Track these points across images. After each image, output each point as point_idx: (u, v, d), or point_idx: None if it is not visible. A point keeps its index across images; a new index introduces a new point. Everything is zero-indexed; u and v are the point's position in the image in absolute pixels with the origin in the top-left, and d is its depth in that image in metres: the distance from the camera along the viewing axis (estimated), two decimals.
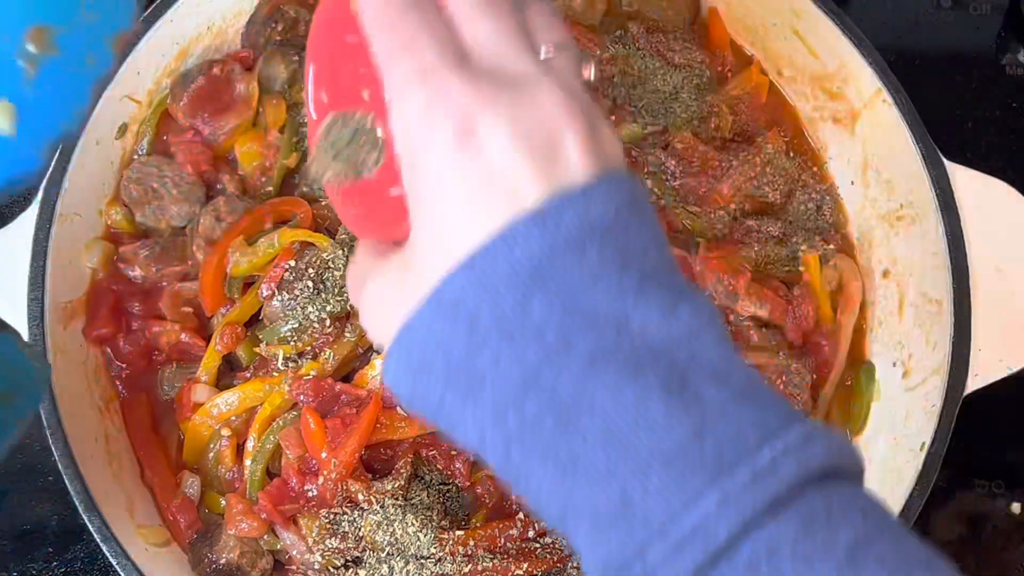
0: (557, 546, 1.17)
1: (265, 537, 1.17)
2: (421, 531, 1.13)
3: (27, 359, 0.93)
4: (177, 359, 1.28)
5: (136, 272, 1.30)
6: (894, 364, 1.30)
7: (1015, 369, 1.21)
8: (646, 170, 1.35)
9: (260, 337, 1.21)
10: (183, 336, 1.26)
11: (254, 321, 1.25)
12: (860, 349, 1.35)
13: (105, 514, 1.14)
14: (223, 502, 1.20)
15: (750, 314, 1.28)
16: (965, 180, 1.27)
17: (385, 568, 1.13)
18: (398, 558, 1.13)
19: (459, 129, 0.57)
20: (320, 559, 1.15)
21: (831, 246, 1.35)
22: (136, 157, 1.36)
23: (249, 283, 1.26)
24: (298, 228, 1.24)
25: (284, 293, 1.20)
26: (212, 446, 1.22)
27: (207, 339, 1.26)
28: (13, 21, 0.87)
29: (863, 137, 1.38)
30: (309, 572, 1.16)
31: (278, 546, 1.17)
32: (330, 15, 0.71)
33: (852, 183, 1.42)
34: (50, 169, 1.24)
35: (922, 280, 1.28)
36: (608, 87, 1.38)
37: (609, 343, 0.51)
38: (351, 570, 1.15)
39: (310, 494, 1.15)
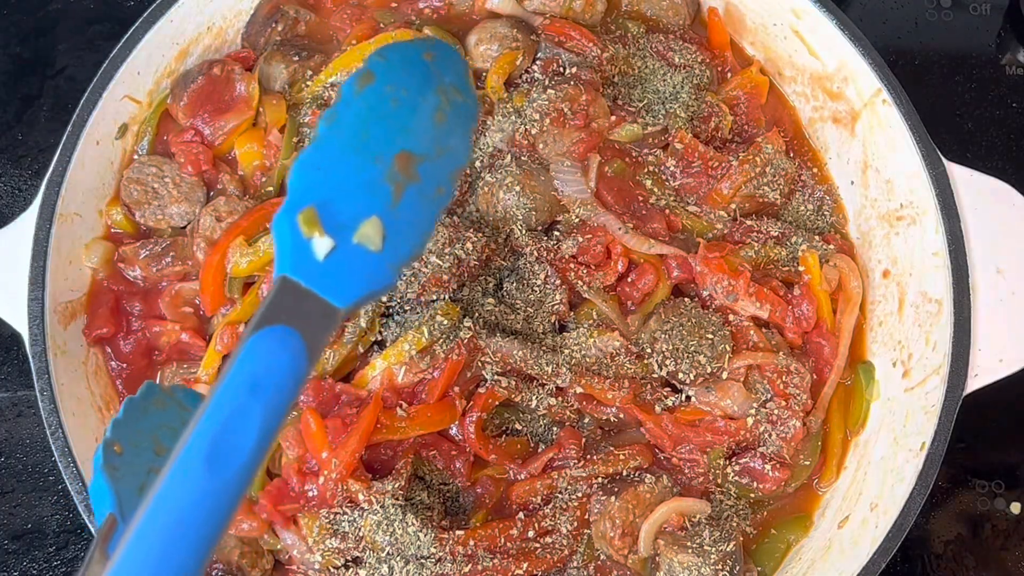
0: (557, 546, 1.17)
1: (265, 537, 1.17)
2: (421, 531, 1.13)
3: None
4: (177, 359, 1.28)
5: (136, 272, 1.30)
6: (894, 364, 1.30)
7: (1015, 369, 1.21)
8: (646, 170, 1.35)
9: None
10: (183, 336, 1.26)
11: None
12: (860, 349, 1.35)
13: None
14: None
15: (750, 314, 1.28)
16: (965, 180, 1.28)
17: (385, 568, 1.13)
18: (398, 558, 1.13)
19: None
20: (320, 559, 1.15)
21: (831, 246, 1.35)
22: (136, 157, 1.36)
23: (249, 283, 1.26)
24: None
25: None
26: None
27: (207, 339, 1.26)
28: (383, 144, 0.91)
29: (863, 137, 1.38)
30: (309, 572, 1.16)
31: (278, 546, 1.18)
32: None
33: (852, 183, 1.42)
34: (50, 170, 1.25)
35: (922, 280, 1.28)
36: (608, 87, 1.38)
37: None
38: (351, 570, 1.15)
39: (310, 494, 1.15)
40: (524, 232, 1.28)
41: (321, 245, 0.85)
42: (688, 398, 1.25)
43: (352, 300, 0.84)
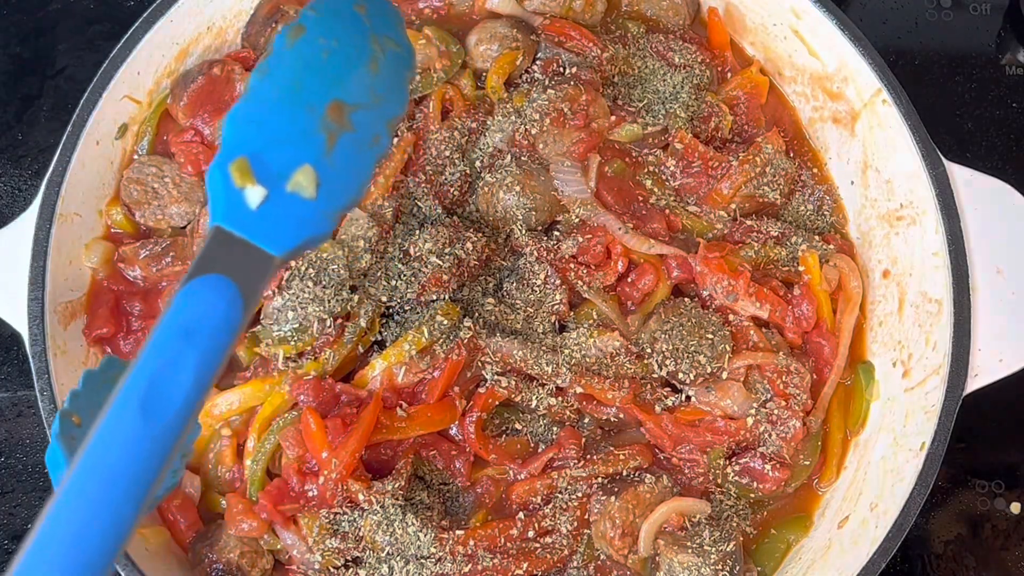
0: (557, 546, 1.17)
1: (265, 537, 1.17)
2: (421, 531, 1.13)
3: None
4: None
5: (136, 272, 1.30)
6: (894, 364, 1.30)
7: (1015, 369, 1.21)
8: (646, 170, 1.35)
9: (260, 337, 1.21)
10: None
11: (254, 321, 1.24)
12: (860, 349, 1.35)
13: None
14: (223, 502, 1.20)
15: (750, 314, 1.28)
16: (965, 180, 1.28)
17: (385, 568, 1.13)
18: (398, 558, 1.13)
19: None
20: (320, 559, 1.15)
21: (831, 246, 1.35)
22: (136, 157, 1.36)
23: None
24: None
25: (284, 293, 1.20)
26: (212, 446, 1.22)
27: None
28: (315, 94, 0.92)
29: (863, 137, 1.38)
30: (309, 572, 1.16)
31: (278, 546, 1.17)
32: None
33: (852, 183, 1.42)
34: (50, 170, 1.25)
35: (922, 280, 1.28)
36: (608, 87, 1.38)
37: None
38: (351, 570, 1.15)
39: (310, 494, 1.15)
40: (524, 232, 1.28)
41: (254, 194, 0.86)
42: (688, 398, 1.25)
43: (287, 248, 0.85)
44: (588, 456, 1.20)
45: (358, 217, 1.23)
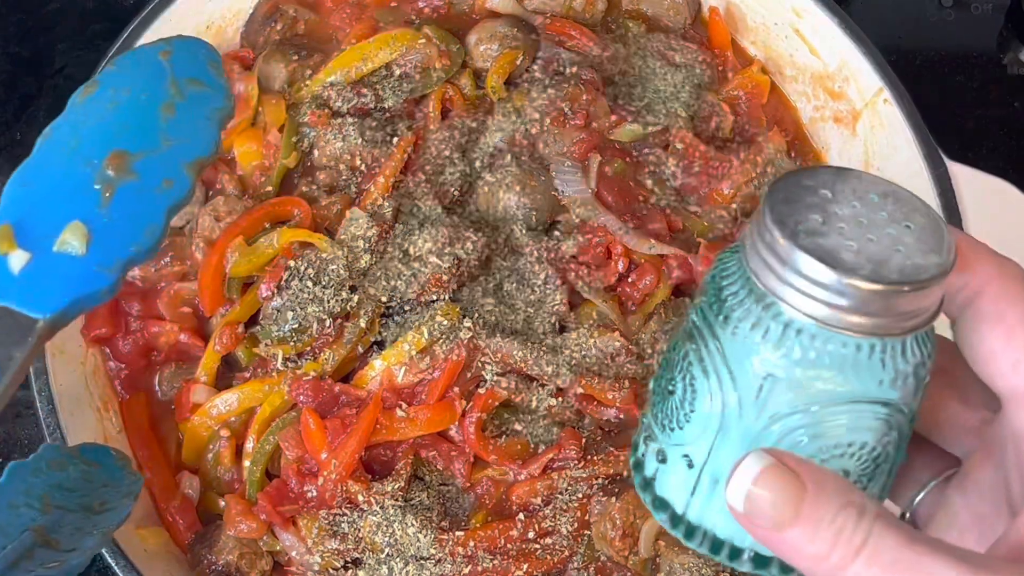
0: (557, 547, 1.17)
1: (264, 538, 1.17)
2: (421, 532, 1.12)
3: (122, 472, 0.95)
4: (176, 359, 1.27)
5: (135, 272, 1.30)
6: None
7: None
8: (647, 170, 1.35)
9: (259, 337, 1.21)
10: (182, 336, 1.26)
11: (253, 321, 1.24)
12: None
13: None
14: (222, 503, 1.19)
15: None
16: (967, 179, 1.27)
17: (385, 569, 1.13)
18: (398, 559, 1.13)
19: None
20: (319, 560, 1.14)
21: None
22: None
23: (248, 283, 1.26)
24: (297, 228, 1.24)
25: (283, 293, 1.19)
26: (211, 447, 1.22)
27: (206, 339, 1.25)
28: (95, 147, 0.91)
29: (864, 137, 1.38)
30: (308, 573, 1.16)
31: (277, 547, 1.17)
32: None
33: None
34: None
35: None
36: (609, 86, 1.38)
37: None
38: (351, 571, 1.15)
39: (309, 495, 1.15)
40: (524, 232, 1.27)
41: (16, 259, 0.86)
42: None
43: (54, 309, 0.84)
44: (588, 457, 1.20)
45: (358, 217, 1.23)
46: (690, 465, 0.69)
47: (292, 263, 1.20)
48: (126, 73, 0.95)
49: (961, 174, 1.27)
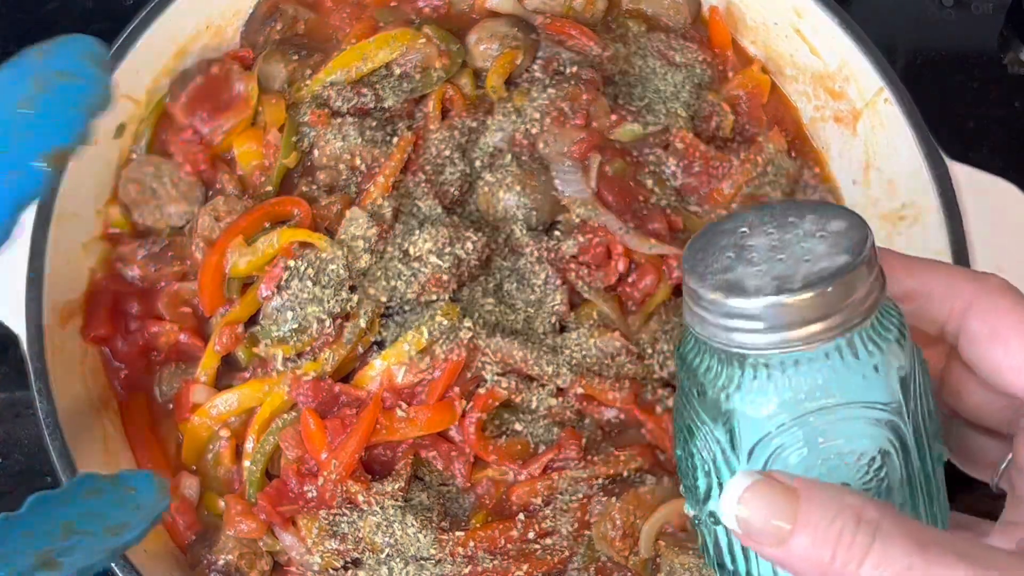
0: (558, 547, 1.17)
1: (264, 538, 1.17)
2: (421, 532, 1.12)
3: (156, 495, 0.94)
4: (176, 359, 1.27)
5: (134, 272, 1.30)
6: None
7: None
8: (647, 170, 1.34)
9: (259, 337, 1.21)
10: (182, 336, 1.26)
11: (253, 321, 1.24)
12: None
13: None
14: (222, 503, 1.19)
15: None
16: (967, 179, 1.27)
17: (384, 569, 1.13)
18: (398, 559, 1.13)
19: None
20: (319, 560, 1.14)
21: None
22: (134, 157, 1.36)
23: (248, 283, 1.26)
24: (297, 228, 1.24)
25: (283, 293, 1.19)
26: (211, 447, 1.22)
27: (206, 339, 1.25)
28: None
29: (865, 136, 1.38)
30: (308, 573, 1.16)
31: (277, 547, 1.17)
32: None
33: (854, 183, 1.41)
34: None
35: None
36: (609, 86, 1.37)
37: None
38: (350, 571, 1.15)
39: (309, 495, 1.15)
40: (524, 232, 1.27)
41: None
42: None
43: None
44: (589, 457, 1.20)
45: (358, 217, 1.23)
46: (716, 522, 0.70)
47: (292, 263, 1.20)
48: None
49: (961, 174, 1.27)
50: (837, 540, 0.60)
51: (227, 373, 1.25)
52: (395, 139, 1.31)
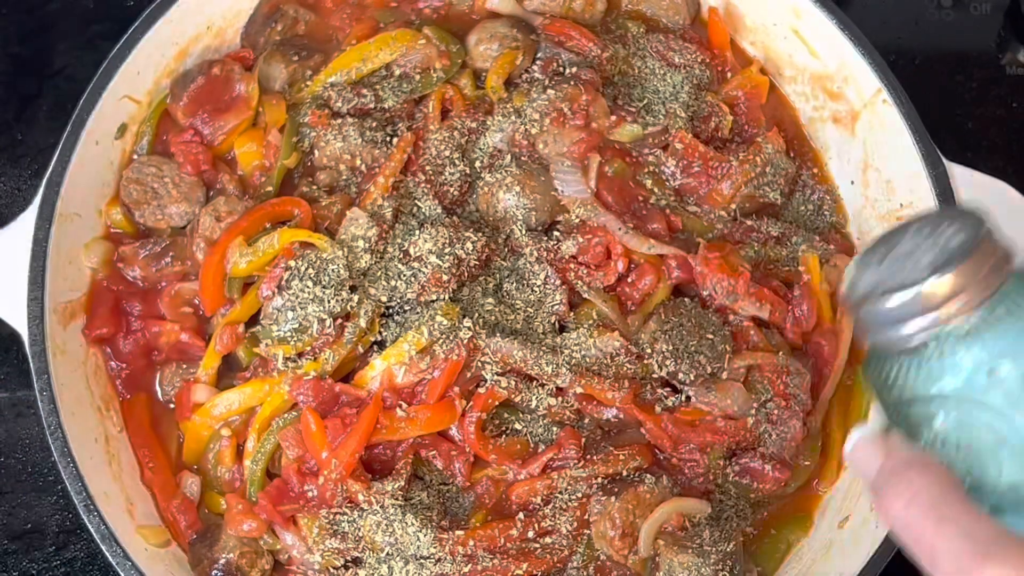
0: (557, 546, 1.17)
1: (265, 537, 1.17)
2: (421, 531, 1.13)
3: None
4: (177, 359, 1.28)
5: (136, 272, 1.30)
6: None
7: None
8: (646, 170, 1.35)
9: (260, 337, 1.21)
10: (183, 336, 1.26)
11: (254, 321, 1.24)
12: (860, 349, 1.35)
13: (105, 514, 1.14)
14: (223, 502, 1.20)
15: (750, 314, 1.28)
16: (965, 180, 1.27)
17: (385, 568, 1.13)
18: (398, 558, 1.13)
19: None
20: (320, 559, 1.14)
21: (831, 246, 1.35)
22: (136, 157, 1.36)
23: (249, 283, 1.26)
24: (298, 228, 1.24)
25: (284, 293, 1.20)
26: (212, 446, 1.22)
27: (207, 339, 1.26)
28: None
29: (863, 137, 1.38)
30: (309, 572, 1.16)
31: (278, 546, 1.17)
32: None
33: (852, 183, 1.41)
34: (49, 170, 1.24)
35: None
36: (608, 87, 1.38)
37: None
38: (351, 570, 1.15)
39: (310, 494, 1.15)
40: (524, 232, 1.27)
41: None
42: (688, 398, 1.24)
43: None
44: (588, 456, 1.20)
45: (358, 217, 1.23)
46: None
47: (292, 263, 1.20)
48: None
49: (960, 174, 1.27)
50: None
51: (228, 373, 1.25)
52: (395, 139, 1.31)
